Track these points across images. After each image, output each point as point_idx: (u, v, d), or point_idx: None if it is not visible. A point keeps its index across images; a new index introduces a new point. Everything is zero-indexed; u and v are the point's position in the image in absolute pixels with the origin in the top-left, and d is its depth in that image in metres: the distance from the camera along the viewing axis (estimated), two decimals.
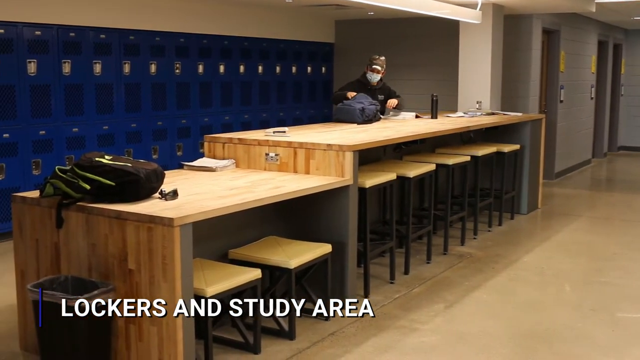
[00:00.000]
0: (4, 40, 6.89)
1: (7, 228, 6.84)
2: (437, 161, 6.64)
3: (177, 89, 8.81)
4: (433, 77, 10.71)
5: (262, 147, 5.34)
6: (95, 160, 3.98)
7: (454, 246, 6.95)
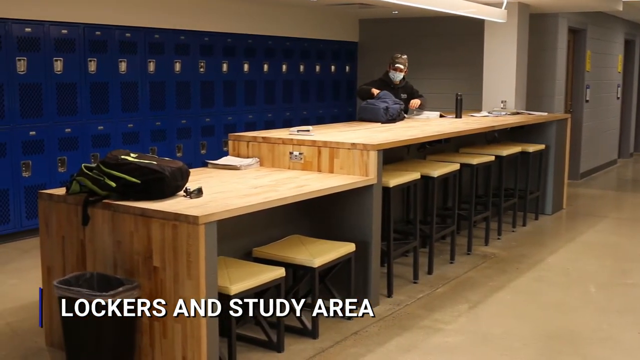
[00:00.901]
0: (32, 39, 6.96)
1: (34, 225, 6.92)
2: (461, 161, 6.61)
3: (202, 87, 8.85)
4: (457, 76, 10.67)
5: (287, 145, 5.34)
6: (121, 158, 4.00)
7: (478, 246, 6.92)
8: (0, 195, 6.82)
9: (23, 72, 6.91)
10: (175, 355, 3.80)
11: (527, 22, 9.34)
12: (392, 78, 7.75)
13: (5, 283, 5.74)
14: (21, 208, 6.99)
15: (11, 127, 6.87)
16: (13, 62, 6.82)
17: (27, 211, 7.03)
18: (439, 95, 9.87)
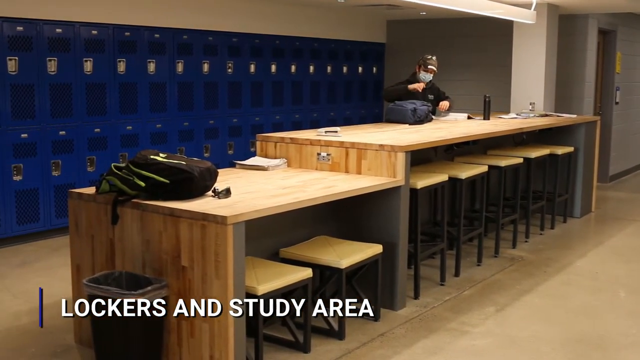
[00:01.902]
0: (62, 40, 7.03)
1: (63, 223, 6.98)
2: (489, 163, 6.58)
3: (229, 88, 8.88)
4: (485, 78, 10.61)
5: (314, 146, 5.35)
6: (150, 158, 4.03)
7: (505, 249, 6.87)
8: (31, 194, 6.90)
9: (53, 72, 6.98)
10: (203, 355, 3.82)
11: (557, 23, 9.27)
12: (422, 79, 7.70)
13: (35, 281, 5.79)
14: (51, 207, 7.07)
15: (42, 126, 6.94)
16: (44, 62, 6.89)
17: (57, 210, 7.10)
18: (467, 97, 9.84)
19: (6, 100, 6.63)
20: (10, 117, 6.69)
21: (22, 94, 6.75)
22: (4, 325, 4.78)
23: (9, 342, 4.52)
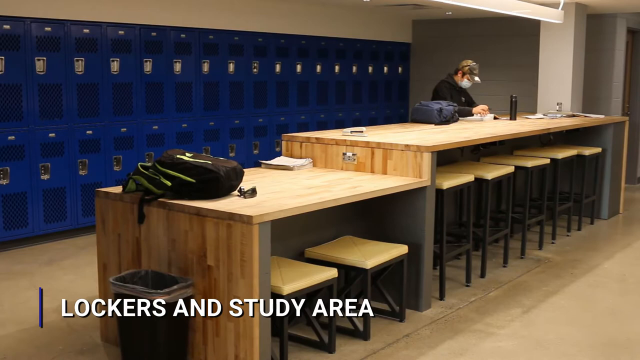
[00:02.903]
0: (89, 40, 7.08)
1: (90, 222, 7.05)
2: (516, 163, 6.53)
3: (255, 88, 8.90)
4: (512, 78, 10.54)
5: (340, 146, 5.34)
6: (177, 157, 4.05)
7: (532, 250, 6.82)
8: (58, 193, 6.96)
9: (80, 72, 7.03)
10: (228, 354, 3.82)
11: (585, 23, 9.18)
12: (463, 85, 7.71)
13: (62, 279, 5.85)
14: (77, 205, 7.12)
15: (69, 126, 7.00)
16: (71, 62, 6.95)
17: (84, 209, 7.16)
18: (493, 97, 9.77)
19: (34, 100, 6.70)
20: (39, 117, 6.75)
21: (50, 93, 6.82)
22: (31, 323, 4.83)
23: (36, 339, 4.56)
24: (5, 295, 5.40)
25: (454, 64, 7.85)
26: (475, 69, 7.71)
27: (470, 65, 7.70)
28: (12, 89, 6.53)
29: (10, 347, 4.44)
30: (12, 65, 6.51)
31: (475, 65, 7.71)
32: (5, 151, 6.54)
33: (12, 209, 6.62)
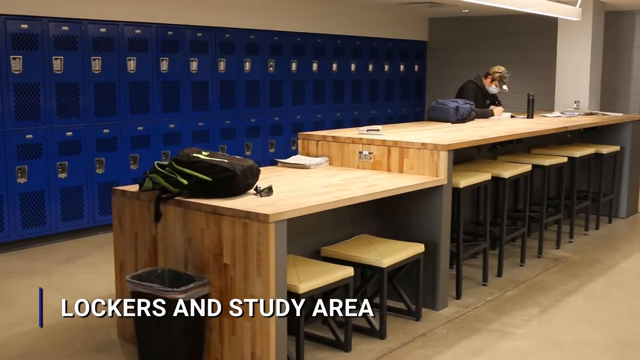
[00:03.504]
0: (106, 39, 7.11)
1: (106, 220, 7.07)
2: (533, 162, 6.50)
3: (271, 86, 8.91)
4: (529, 76, 10.47)
5: (356, 145, 5.33)
6: (193, 156, 4.05)
7: (549, 249, 6.77)
8: (75, 192, 6.99)
9: (98, 71, 7.06)
10: (244, 352, 3.83)
11: (603, 20, 9.12)
12: (489, 90, 7.68)
13: (79, 277, 5.87)
14: (94, 204, 7.15)
15: (86, 125, 7.03)
16: (88, 61, 6.98)
17: (100, 207, 7.19)
18: (510, 95, 9.70)
19: (52, 99, 6.73)
20: (56, 116, 6.79)
21: (68, 92, 6.85)
22: (49, 321, 4.84)
23: (54, 337, 4.58)
24: (22, 294, 5.43)
25: (471, 62, 7.84)
26: (506, 77, 7.68)
27: (502, 73, 7.66)
28: (29, 88, 6.57)
29: (29, 345, 4.46)
30: (30, 65, 6.55)
31: (506, 74, 7.67)
32: (23, 150, 6.57)
33: (29, 208, 6.66)
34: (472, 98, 7.40)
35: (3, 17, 6.35)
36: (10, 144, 6.48)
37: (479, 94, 7.64)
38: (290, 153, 7.69)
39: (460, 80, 8.01)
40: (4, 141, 6.44)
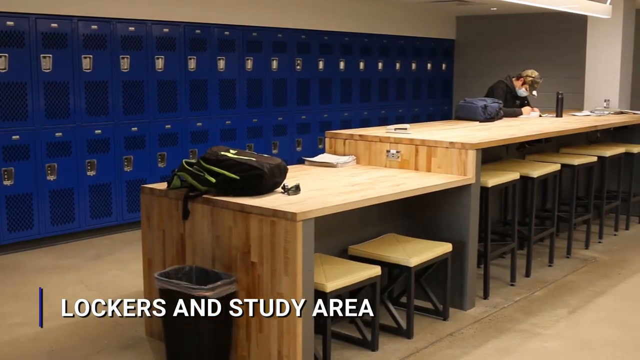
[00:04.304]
0: (134, 38, 7.15)
1: (134, 218, 7.13)
2: (562, 161, 6.44)
3: (298, 85, 8.92)
4: (558, 75, 10.37)
5: (384, 143, 5.31)
6: (221, 154, 4.06)
7: (578, 249, 6.71)
8: (103, 189, 7.05)
9: (126, 69, 7.11)
10: (271, 350, 3.83)
11: (634, 18, 9.01)
12: (519, 93, 7.64)
13: (108, 274, 5.92)
14: (123, 202, 7.21)
15: (114, 123, 7.08)
16: (117, 60, 7.03)
17: (129, 205, 7.24)
18: (539, 94, 9.64)
19: (81, 97, 6.79)
20: (85, 114, 6.84)
21: (96, 91, 6.91)
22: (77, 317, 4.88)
23: (83, 332, 4.62)
24: (52, 289, 5.48)
25: (499, 60, 7.79)
26: (538, 83, 7.63)
27: (534, 78, 7.61)
28: (59, 86, 6.63)
29: (58, 340, 4.51)
30: (60, 63, 6.61)
31: (539, 80, 7.62)
32: (53, 148, 6.64)
33: (59, 205, 6.73)
34: (501, 98, 7.36)
35: (34, 16, 6.42)
36: (40, 141, 6.55)
37: (508, 95, 7.59)
38: (317, 151, 7.68)
39: (488, 79, 7.96)
40: (34, 139, 6.51)
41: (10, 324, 4.78)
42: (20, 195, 6.46)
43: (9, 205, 6.39)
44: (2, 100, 6.27)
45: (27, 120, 6.45)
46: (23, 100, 6.41)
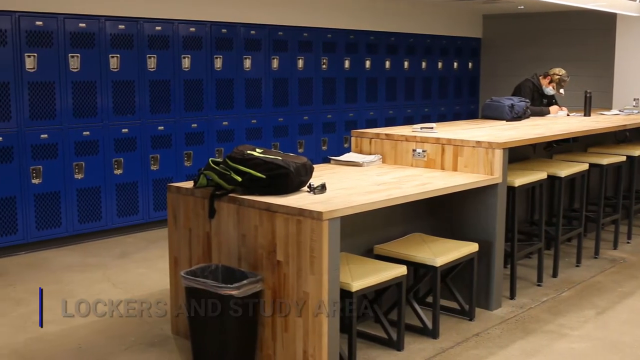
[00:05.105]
0: (162, 37, 7.19)
1: (160, 216, 7.17)
2: (590, 161, 6.38)
3: (324, 84, 8.91)
4: (586, 73, 10.28)
5: (410, 143, 5.30)
6: (247, 153, 4.07)
7: (606, 250, 6.64)
8: (130, 188, 7.09)
9: (153, 69, 7.15)
10: (297, 350, 3.83)
11: None
12: (546, 91, 7.59)
13: (134, 272, 5.96)
14: (149, 200, 7.25)
15: (141, 122, 7.13)
16: (143, 59, 7.07)
17: (155, 203, 7.28)
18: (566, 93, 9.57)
19: (108, 96, 6.84)
20: (112, 113, 6.89)
21: (123, 90, 6.95)
22: (104, 314, 4.93)
23: (109, 330, 4.66)
24: (79, 287, 5.53)
25: (525, 59, 7.75)
26: (566, 81, 7.58)
27: (562, 76, 7.56)
28: (87, 86, 6.69)
29: (85, 337, 4.54)
30: (87, 63, 6.66)
31: (566, 78, 7.57)
32: (80, 146, 6.69)
33: (86, 203, 6.78)
34: (528, 97, 7.31)
35: (62, 16, 6.47)
36: (67, 140, 6.61)
37: (535, 93, 7.54)
38: (342, 150, 7.68)
39: (515, 78, 7.91)
40: (62, 138, 6.57)
41: (37, 320, 4.82)
42: (49, 193, 6.53)
43: (37, 203, 6.45)
44: (31, 99, 6.33)
45: (55, 119, 6.52)
46: (51, 99, 6.48)
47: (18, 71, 6.24)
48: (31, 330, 4.66)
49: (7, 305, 5.12)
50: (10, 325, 4.76)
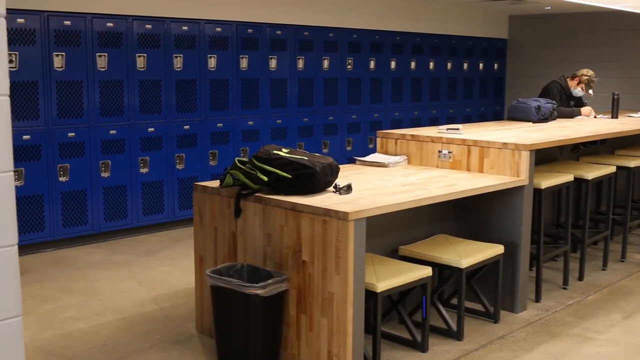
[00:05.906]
0: (188, 37, 7.23)
1: (186, 215, 7.20)
2: (617, 163, 6.32)
3: (349, 84, 8.91)
4: (613, 75, 10.19)
5: (435, 144, 5.28)
6: (273, 153, 4.08)
7: (633, 253, 6.58)
8: (156, 187, 7.14)
9: (179, 68, 7.19)
10: (321, 349, 3.83)
11: None
12: (574, 93, 7.54)
13: (159, 270, 5.99)
14: (174, 199, 7.29)
15: (167, 121, 7.17)
16: (170, 59, 7.11)
17: (180, 202, 7.32)
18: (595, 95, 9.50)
19: (135, 95, 6.89)
20: (139, 112, 6.94)
21: (150, 89, 7.00)
22: (129, 312, 4.97)
23: (134, 328, 4.69)
24: (105, 285, 5.58)
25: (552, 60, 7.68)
26: (594, 82, 7.52)
27: (590, 77, 7.50)
28: (114, 84, 6.73)
29: (110, 335, 4.57)
30: (115, 62, 6.71)
31: (595, 79, 7.52)
32: (107, 145, 6.75)
33: (112, 201, 6.83)
34: (556, 98, 7.26)
35: (90, 15, 6.53)
36: (95, 139, 6.66)
37: (563, 95, 7.48)
38: (367, 151, 7.67)
39: (542, 79, 7.86)
40: (89, 136, 6.63)
41: (64, 317, 4.87)
42: (75, 191, 6.58)
43: (64, 201, 6.51)
44: (59, 98, 6.39)
45: (82, 118, 6.57)
46: (79, 98, 6.53)
47: (46, 70, 6.30)
48: (57, 327, 4.70)
49: (33, 302, 5.18)
50: (37, 322, 4.80)
